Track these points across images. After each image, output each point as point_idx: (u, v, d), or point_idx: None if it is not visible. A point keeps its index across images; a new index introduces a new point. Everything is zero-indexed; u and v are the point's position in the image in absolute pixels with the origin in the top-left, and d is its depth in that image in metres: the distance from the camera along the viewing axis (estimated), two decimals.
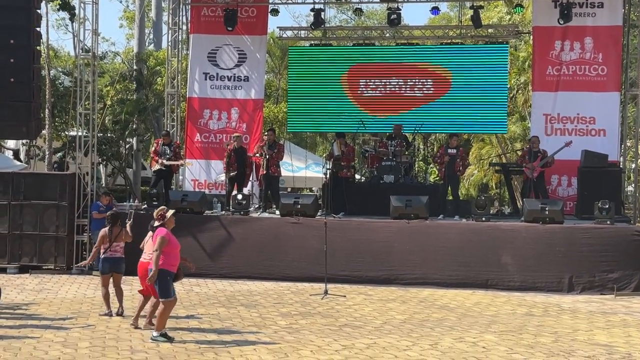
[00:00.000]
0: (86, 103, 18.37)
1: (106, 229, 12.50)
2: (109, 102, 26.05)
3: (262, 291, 14.99)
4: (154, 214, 11.01)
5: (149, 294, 11.33)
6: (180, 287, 15.27)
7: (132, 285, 14.27)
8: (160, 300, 10.59)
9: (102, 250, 12.44)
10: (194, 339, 10.71)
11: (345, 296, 14.45)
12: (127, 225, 12.98)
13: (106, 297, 12.33)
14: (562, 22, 18.45)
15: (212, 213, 17.57)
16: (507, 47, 21.26)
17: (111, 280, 12.39)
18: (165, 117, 22.24)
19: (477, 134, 28.63)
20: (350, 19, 41.38)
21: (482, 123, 20.83)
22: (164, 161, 18.00)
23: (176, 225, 16.66)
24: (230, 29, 19.96)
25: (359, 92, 20.96)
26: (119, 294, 12.45)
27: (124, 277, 12.58)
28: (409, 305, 13.82)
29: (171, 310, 10.79)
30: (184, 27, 22.01)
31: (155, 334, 10.48)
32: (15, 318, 11.82)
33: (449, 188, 18.24)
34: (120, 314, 12.29)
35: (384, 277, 15.92)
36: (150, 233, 11.26)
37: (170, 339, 10.40)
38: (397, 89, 20.85)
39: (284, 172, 20.67)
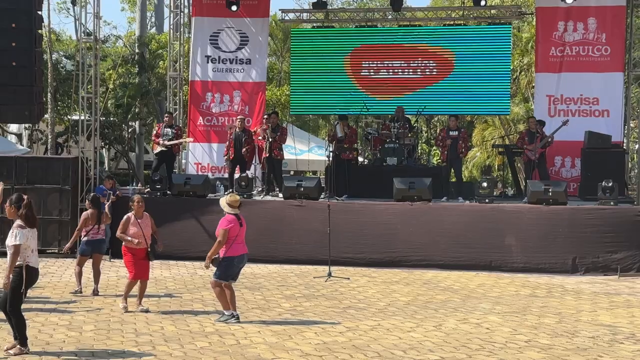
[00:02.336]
0: (88, 87, 18.34)
1: (88, 212, 12.76)
2: (111, 86, 26.03)
3: (265, 274, 15.01)
4: (232, 202, 10.85)
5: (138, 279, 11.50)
6: (185, 270, 15.34)
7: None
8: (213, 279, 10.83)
9: (83, 233, 12.72)
10: (198, 321, 10.74)
11: (349, 278, 14.47)
12: (106, 207, 13.30)
13: (79, 275, 12.69)
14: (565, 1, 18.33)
15: (215, 196, 17.57)
16: (510, 28, 21.16)
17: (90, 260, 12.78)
18: (167, 101, 22.21)
19: (480, 116, 28.58)
20: (353, 1, 41.24)
21: (485, 104, 20.80)
22: (165, 142, 17.98)
23: (180, 208, 16.84)
24: (235, 9, 19.82)
25: (361, 74, 20.92)
26: (97, 274, 12.74)
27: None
28: (412, 287, 13.84)
29: None
30: (186, 10, 21.94)
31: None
32: None
33: (452, 170, 18.20)
34: (96, 294, 12.55)
35: (387, 259, 15.93)
36: (131, 215, 11.52)
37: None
38: (399, 70, 20.81)
39: (287, 155, 20.69)
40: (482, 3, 19.63)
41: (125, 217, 11.58)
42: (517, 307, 12.07)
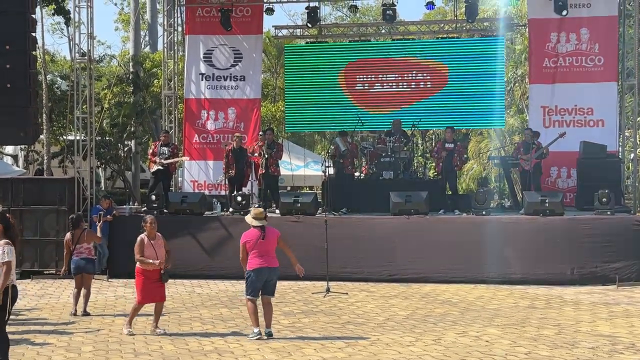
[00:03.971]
0: (83, 107, 18.34)
1: (68, 233, 12.90)
2: (106, 105, 25.99)
3: None
4: (257, 214, 10.95)
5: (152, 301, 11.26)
6: (182, 288, 15.30)
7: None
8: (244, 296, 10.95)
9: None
10: (197, 340, 10.71)
11: (347, 293, 14.45)
12: (98, 227, 13.30)
13: (75, 296, 12.67)
14: (559, 13, 18.41)
15: (212, 214, 17.57)
16: (503, 40, 21.25)
17: None
18: (163, 119, 22.23)
19: (476, 128, 28.60)
20: (346, 16, 41.34)
21: (480, 117, 20.85)
22: (162, 160, 18.02)
23: (176, 226, 16.81)
24: (228, 29, 20.04)
25: (356, 89, 21.00)
26: (86, 294, 12.72)
27: (125, 281, 12.60)
28: (411, 301, 13.82)
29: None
30: (180, 29, 22.00)
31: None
32: (18, 324, 11.80)
33: (447, 183, 18.20)
34: (85, 314, 12.53)
35: (385, 274, 15.91)
36: (145, 237, 11.22)
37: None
38: (394, 85, 20.90)
39: (283, 171, 20.67)
40: (474, 17, 19.71)
41: (139, 239, 11.20)
42: (516, 319, 12.05)
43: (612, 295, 14.23)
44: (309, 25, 20.94)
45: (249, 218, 11.05)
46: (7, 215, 9.07)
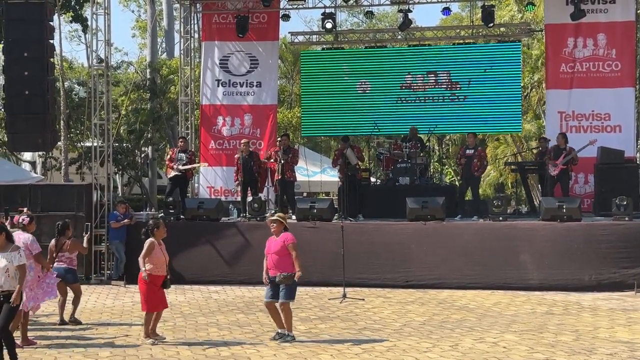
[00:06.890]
0: (101, 113, 18.43)
1: (54, 239, 12.71)
2: (123, 112, 26.11)
3: None
4: (281, 219, 11.15)
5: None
6: (199, 294, 15.33)
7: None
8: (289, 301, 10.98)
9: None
10: (214, 345, 10.72)
11: (363, 299, 14.43)
12: (85, 238, 13.17)
13: (60, 305, 12.52)
14: (575, 19, 18.36)
15: (228, 220, 17.61)
16: (520, 45, 21.23)
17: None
18: (179, 125, 22.31)
19: (492, 134, 28.57)
20: (362, 22, 41.41)
21: (496, 122, 20.80)
22: (179, 166, 18.08)
23: (193, 232, 16.85)
24: (241, 35, 20.12)
25: (372, 94, 20.95)
26: (76, 302, 12.64)
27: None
28: (428, 306, 13.79)
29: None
30: (196, 35, 22.09)
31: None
32: (36, 329, 11.86)
33: (468, 188, 18.13)
34: (71, 321, 12.45)
35: (402, 280, 15.88)
36: (154, 241, 11.13)
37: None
38: (410, 90, 20.84)
39: (299, 177, 20.70)
40: (491, 22, 19.70)
41: (150, 242, 11.03)
42: (534, 325, 11.99)
43: (630, 302, 14.14)
44: (325, 31, 20.88)
45: (280, 219, 11.18)
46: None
